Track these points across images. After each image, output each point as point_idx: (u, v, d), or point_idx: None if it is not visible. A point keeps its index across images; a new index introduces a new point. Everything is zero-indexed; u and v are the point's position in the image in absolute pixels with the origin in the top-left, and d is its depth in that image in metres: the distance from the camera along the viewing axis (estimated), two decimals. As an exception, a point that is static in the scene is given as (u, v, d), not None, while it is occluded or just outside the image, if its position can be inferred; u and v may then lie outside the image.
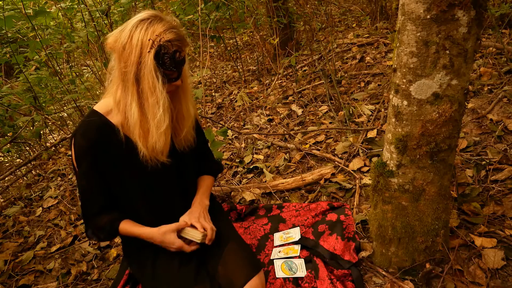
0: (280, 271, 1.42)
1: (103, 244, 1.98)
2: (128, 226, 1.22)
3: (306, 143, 2.38)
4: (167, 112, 1.09)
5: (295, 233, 1.59)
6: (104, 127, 1.14)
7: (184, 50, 1.10)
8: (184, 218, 1.26)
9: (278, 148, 2.46)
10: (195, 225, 1.23)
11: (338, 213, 1.65)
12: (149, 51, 1.02)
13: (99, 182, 1.18)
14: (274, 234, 1.63)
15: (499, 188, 1.59)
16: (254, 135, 2.67)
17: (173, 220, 1.28)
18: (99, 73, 4.18)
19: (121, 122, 1.15)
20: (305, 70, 3.55)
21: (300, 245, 1.54)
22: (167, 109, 1.08)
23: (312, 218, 1.66)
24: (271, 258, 1.51)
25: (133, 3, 3.12)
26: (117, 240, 1.99)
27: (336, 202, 1.75)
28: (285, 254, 1.50)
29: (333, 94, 2.78)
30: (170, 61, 1.05)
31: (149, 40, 1.02)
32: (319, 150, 2.26)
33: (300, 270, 1.40)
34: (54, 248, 2.04)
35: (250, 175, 2.27)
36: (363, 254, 1.45)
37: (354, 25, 4.57)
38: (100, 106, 1.17)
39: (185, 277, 1.22)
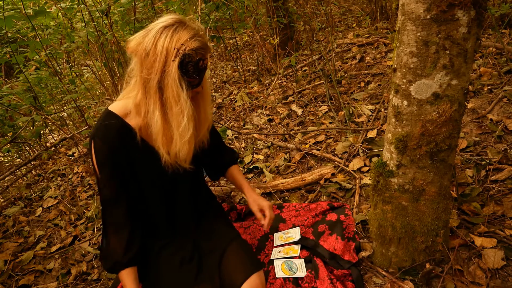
0: (280, 271, 1.42)
1: (103, 244, 1.98)
2: (127, 279, 1.16)
3: (306, 143, 2.38)
4: (191, 121, 1.07)
5: (295, 233, 1.59)
6: (123, 130, 1.13)
7: (207, 57, 1.09)
8: (262, 203, 1.38)
9: (278, 148, 2.46)
10: (266, 211, 1.36)
11: (338, 213, 1.65)
12: (173, 60, 1.01)
13: (122, 189, 1.16)
14: (274, 234, 1.63)
15: (499, 188, 1.59)
16: (254, 135, 2.67)
17: (186, 222, 1.32)
18: (99, 73, 4.18)
19: (139, 125, 1.13)
20: (305, 70, 3.55)
21: (300, 245, 1.54)
22: (191, 117, 1.07)
23: (312, 218, 1.66)
24: (271, 258, 1.51)
25: (133, 3, 3.12)
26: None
27: (336, 202, 1.75)
28: (285, 254, 1.50)
29: (333, 94, 2.79)
30: (193, 69, 1.04)
31: (174, 49, 1.00)
32: (319, 150, 2.26)
33: (300, 270, 1.40)
34: (54, 248, 2.04)
35: (250, 175, 2.27)
36: (363, 254, 1.45)
37: (354, 25, 4.57)
38: (117, 108, 1.15)
39: (186, 276, 1.22)
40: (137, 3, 3.26)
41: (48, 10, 3.28)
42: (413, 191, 1.20)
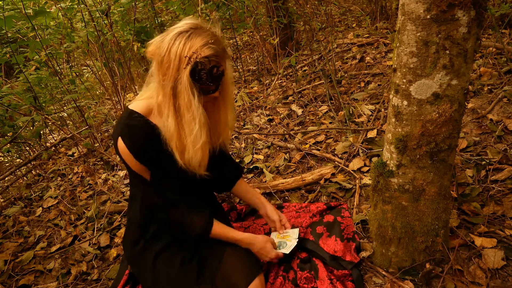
0: None
1: (103, 244, 1.98)
2: (222, 230, 1.24)
3: (306, 143, 2.38)
4: (203, 128, 1.07)
5: (293, 233, 1.56)
6: (148, 128, 1.13)
7: (222, 64, 1.08)
8: (280, 216, 1.48)
9: (278, 148, 2.46)
10: (286, 224, 1.47)
11: (335, 214, 1.64)
12: (184, 68, 1.00)
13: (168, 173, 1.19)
14: (271, 233, 1.60)
15: (499, 188, 1.59)
16: (254, 135, 2.67)
17: None
18: (99, 73, 4.18)
19: (162, 125, 1.14)
20: (305, 70, 3.55)
21: (297, 239, 1.50)
22: (203, 125, 1.07)
23: (310, 218, 1.66)
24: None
25: (133, 3, 3.12)
26: (117, 240, 1.99)
27: (333, 202, 1.74)
28: (281, 238, 1.47)
29: (333, 94, 2.79)
30: (207, 77, 1.04)
31: (185, 57, 1.00)
32: (319, 150, 2.26)
33: (285, 248, 1.37)
34: (54, 248, 2.04)
35: (250, 175, 2.27)
36: (363, 254, 1.45)
37: (354, 25, 4.56)
38: (138, 107, 1.15)
39: (186, 277, 1.22)
40: (137, 3, 3.26)
41: (48, 10, 3.28)
42: (413, 191, 1.20)
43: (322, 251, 1.48)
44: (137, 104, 1.16)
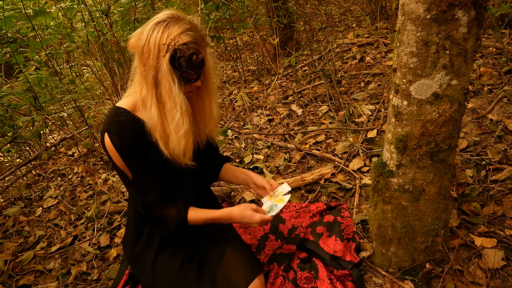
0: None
1: (103, 244, 1.98)
2: (199, 213, 1.21)
3: (306, 143, 2.38)
4: (185, 115, 1.07)
5: (283, 189, 1.44)
6: (135, 123, 1.13)
7: (202, 51, 1.08)
8: (269, 182, 1.39)
9: (278, 148, 2.46)
10: (274, 184, 1.38)
11: (335, 214, 1.64)
12: (164, 55, 1.01)
13: (151, 171, 1.18)
14: (262, 199, 1.48)
15: (499, 188, 1.59)
16: (254, 135, 2.67)
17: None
18: (99, 73, 4.18)
19: (147, 116, 1.14)
20: (305, 70, 3.55)
21: (289, 195, 1.41)
22: (185, 112, 1.07)
23: (310, 218, 1.66)
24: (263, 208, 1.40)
25: (133, 3, 3.12)
26: (117, 240, 1.99)
27: (333, 202, 1.74)
28: (274, 200, 1.43)
29: (333, 94, 2.78)
30: (186, 64, 1.04)
31: (163, 44, 1.01)
32: (319, 150, 2.26)
33: (274, 210, 1.32)
34: (54, 248, 2.04)
35: (250, 175, 2.26)
36: (363, 254, 1.45)
37: (354, 25, 4.57)
38: (125, 103, 1.16)
39: (186, 277, 1.22)
40: (137, 3, 3.26)
41: (48, 10, 3.28)
42: (413, 191, 1.20)
43: (322, 251, 1.48)
44: (123, 100, 1.18)
